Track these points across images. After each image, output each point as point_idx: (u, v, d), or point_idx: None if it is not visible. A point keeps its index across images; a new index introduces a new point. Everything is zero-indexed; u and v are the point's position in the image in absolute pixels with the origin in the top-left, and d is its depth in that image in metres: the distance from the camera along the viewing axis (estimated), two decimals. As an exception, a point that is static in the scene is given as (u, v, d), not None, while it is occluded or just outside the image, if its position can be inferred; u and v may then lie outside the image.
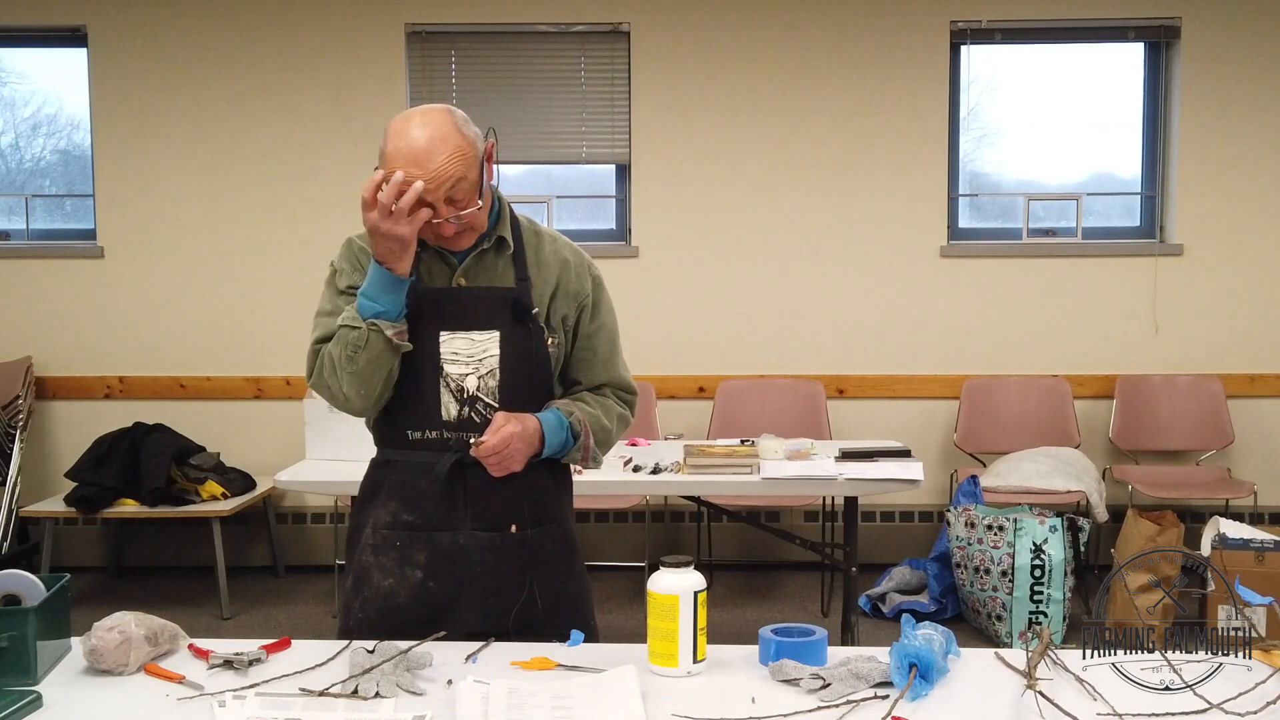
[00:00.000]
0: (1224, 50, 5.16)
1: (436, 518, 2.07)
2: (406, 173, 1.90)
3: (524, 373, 2.07)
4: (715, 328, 5.30)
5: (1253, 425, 5.22)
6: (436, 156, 1.91)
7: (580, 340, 2.16)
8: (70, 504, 4.80)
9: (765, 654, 1.84)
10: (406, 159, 1.91)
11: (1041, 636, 1.85)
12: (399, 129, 1.94)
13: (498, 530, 2.08)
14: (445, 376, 2.05)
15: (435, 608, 2.06)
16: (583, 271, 2.16)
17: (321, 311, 2.10)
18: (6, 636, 1.75)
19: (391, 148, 1.94)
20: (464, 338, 2.05)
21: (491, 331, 2.05)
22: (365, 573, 2.12)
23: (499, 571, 2.08)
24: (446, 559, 2.08)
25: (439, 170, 1.91)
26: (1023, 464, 4.78)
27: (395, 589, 2.09)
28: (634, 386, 2.27)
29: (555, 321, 2.11)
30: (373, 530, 2.11)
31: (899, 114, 5.21)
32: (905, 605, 4.55)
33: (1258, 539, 3.89)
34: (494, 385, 2.05)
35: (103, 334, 5.33)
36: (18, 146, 5.63)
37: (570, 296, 2.13)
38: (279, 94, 5.24)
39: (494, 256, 2.08)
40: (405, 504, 2.08)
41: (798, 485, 3.61)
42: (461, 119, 1.98)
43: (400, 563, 2.09)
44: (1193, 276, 5.23)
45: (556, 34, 5.27)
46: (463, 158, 1.94)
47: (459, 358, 2.05)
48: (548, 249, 2.14)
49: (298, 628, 4.54)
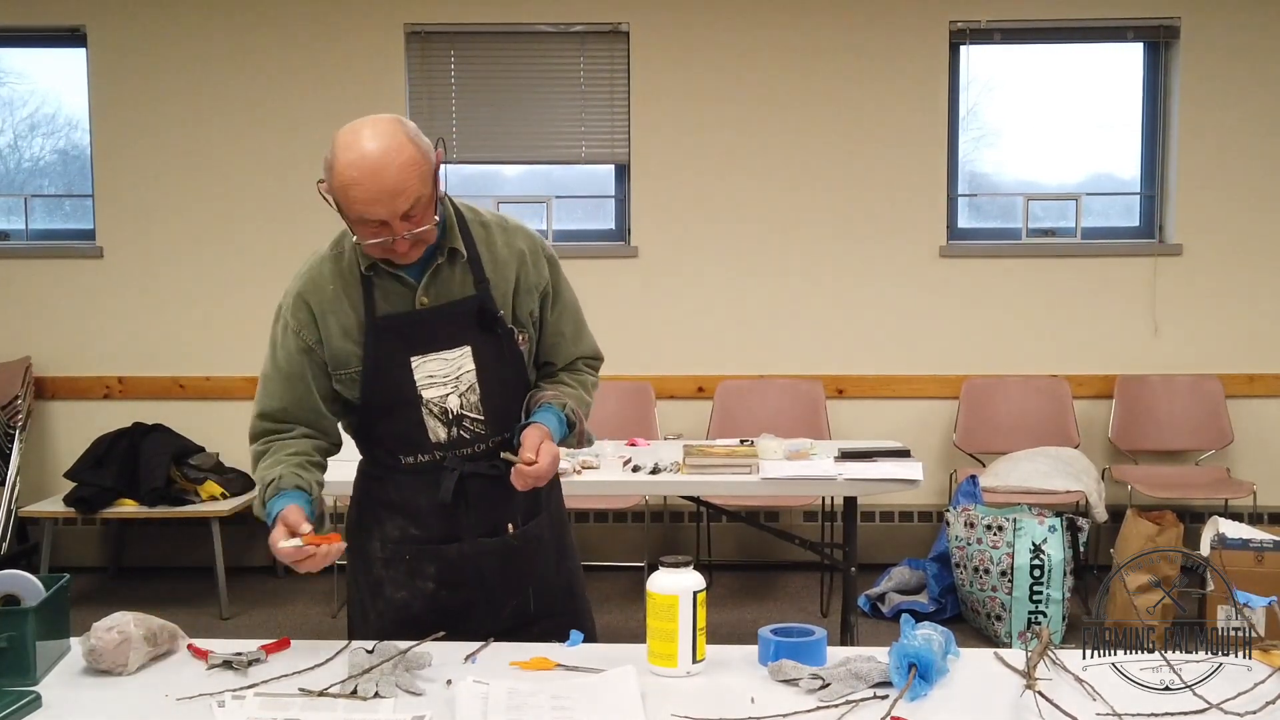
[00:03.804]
0: (1223, 50, 5.16)
1: (441, 531, 2.08)
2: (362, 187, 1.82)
3: (502, 380, 2.05)
4: (715, 328, 5.29)
5: (1252, 425, 5.22)
6: (393, 174, 1.82)
7: (547, 327, 2.13)
8: (69, 504, 4.80)
9: (764, 654, 1.84)
10: (362, 179, 1.82)
11: (1041, 636, 1.85)
12: (348, 142, 1.84)
13: (498, 534, 2.10)
14: (426, 404, 2.02)
15: (451, 615, 2.06)
16: (538, 258, 2.09)
17: (264, 374, 2.05)
18: (6, 637, 1.75)
19: (342, 168, 1.84)
20: (436, 359, 2.01)
21: (462, 347, 2.02)
22: (378, 585, 2.13)
23: (505, 572, 2.10)
24: (455, 569, 2.09)
25: (395, 187, 1.82)
26: (1022, 464, 4.78)
27: (409, 600, 2.10)
28: (600, 351, 2.24)
29: (523, 317, 2.07)
30: (381, 544, 2.12)
31: (898, 114, 5.21)
32: (904, 605, 4.55)
33: (1257, 539, 3.89)
34: (475, 400, 2.04)
35: (102, 334, 5.33)
36: (17, 146, 5.63)
37: (531, 289, 2.08)
38: (278, 94, 5.24)
39: (449, 268, 2.01)
40: (411, 519, 2.09)
41: (797, 485, 3.61)
42: (413, 131, 1.88)
43: (411, 575, 2.10)
44: (1192, 276, 5.23)
45: (556, 34, 5.27)
46: (419, 173, 1.85)
47: (435, 380, 2.02)
48: (499, 242, 2.06)
49: (297, 628, 4.54)
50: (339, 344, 2.01)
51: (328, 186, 1.89)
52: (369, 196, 1.83)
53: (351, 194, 1.84)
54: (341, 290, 2.00)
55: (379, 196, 1.83)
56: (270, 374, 2.04)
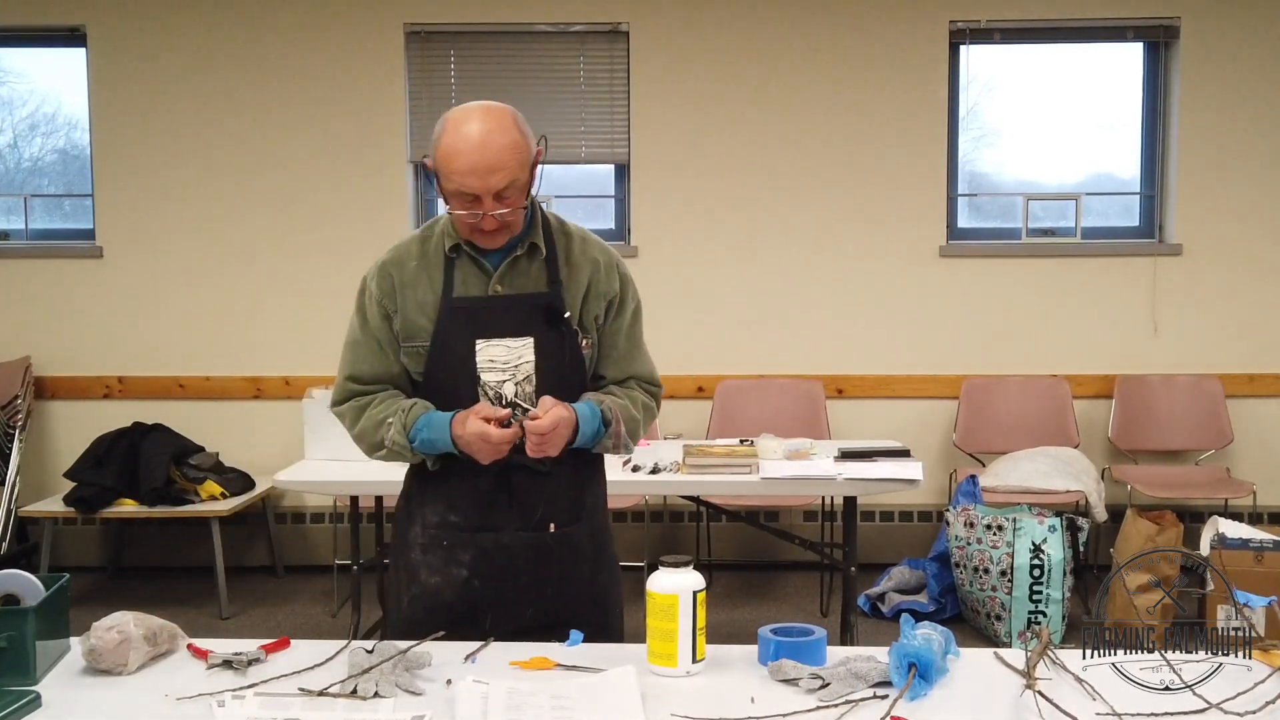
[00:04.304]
0: (1223, 50, 5.16)
1: (481, 519, 2.12)
2: (464, 158, 1.93)
3: (560, 376, 2.10)
4: (715, 327, 5.29)
5: (1252, 425, 5.22)
6: (497, 152, 1.94)
7: (606, 336, 2.19)
8: (69, 504, 4.80)
9: (764, 654, 1.84)
10: (466, 151, 1.94)
11: (1041, 636, 1.85)
12: (459, 120, 1.97)
13: (539, 530, 2.13)
14: (483, 385, 2.08)
15: (480, 605, 2.11)
16: (611, 270, 2.18)
17: (352, 341, 2.16)
18: (5, 636, 1.75)
19: (449, 140, 1.96)
20: (499, 345, 2.08)
21: (526, 338, 2.08)
22: (414, 570, 2.17)
23: (540, 570, 2.13)
24: (490, 558, 2.13)
25: (495, 163, 1.94)
26: (1022, 464, 4.78)
27: (441, 587, 2.14)
28: (658, 379, 2.30)
29: (588, 322, 2.15)
30: (421, 529, 2.16)
31: (898, 114, 5.21)
32: (904, 605, 4.55)
33: (1256, 539, 3.90)
34: (530, 391, 2.08)
35: (102, 334, 5.33)
36: (16, 146, 5.63)
37: (600, 296, 2.16)
38: (278, 94, 5.24)
39: (527, 262, 2.11)
40: (451, 505, 2.13)
41: (797, 485, 3.61)
42: (522, 120, 2.02)
43: (447, 561, 2.14)
44: (1192, 276, 5.23)
45: (555, 34, 5.27)
46: (518, 158, 1.97)
47: (495, 365, 2.08)
48: (578, 250, 2.16)
49: (297, 628, 4.54)
50: (413, 317, 2.10)
51: (432, 159, 2.00)
52: (468, 167, 1.94)
53: (453, 164, 1.95)
54: (423, 268, 2.10)
55: (477, 169, 1.94)
56: (359, 340, 2.14)
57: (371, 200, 5.25)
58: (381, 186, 5.26)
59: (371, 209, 5.25)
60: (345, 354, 2.16)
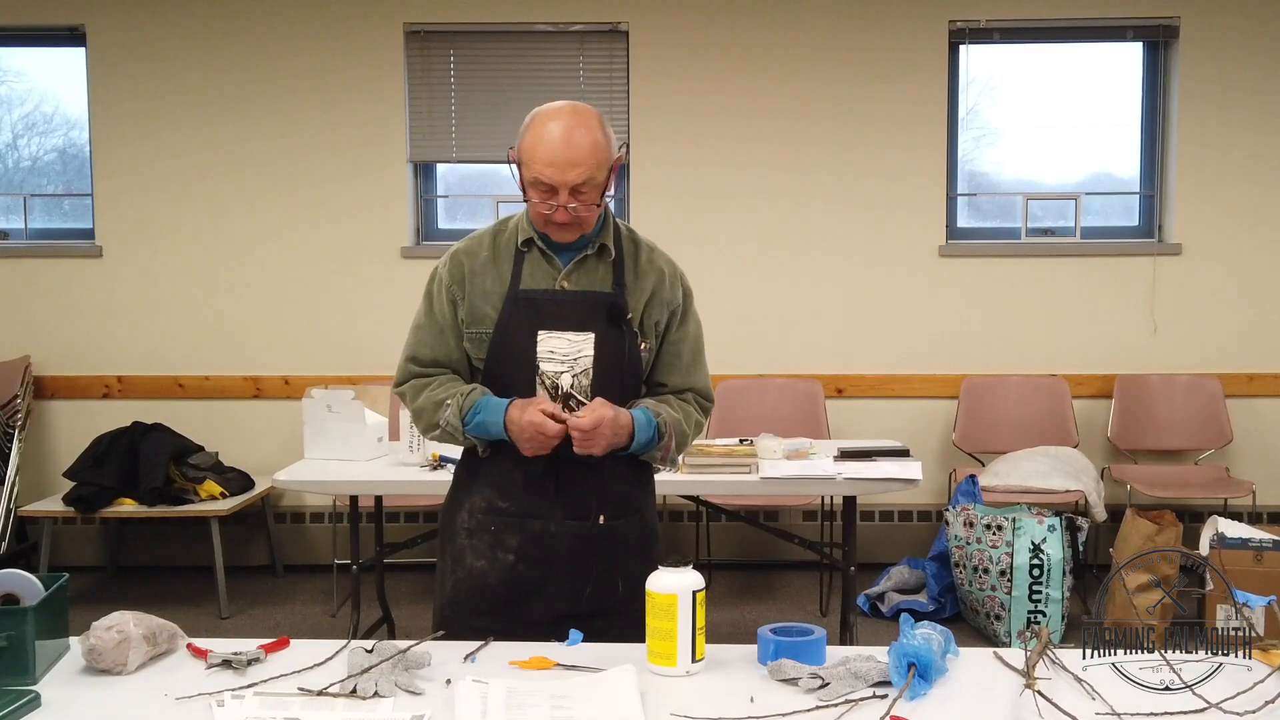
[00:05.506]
0: (1222, 50, 5.16)
1: (529, 506, 2.18)
2: (547, 148, 2.02)
3: (617, 374, 2.16)
4: (714, 327, 5.23)
5: (1251, 425, 5.22)
6: (578, 148, 2.03)
7: (667, 345, 2.25)
8: (69, 503, 4.80)
9: (764, 653, 1.84)
10: (550, 143, 2.03)
11: (1040, 636, 1.85)
12: (547, 115, 2.07)
13: (585, 520, 2.18)
14: (541, 374, 2.14)
15: (523, 590, 2.17)
16: (675, 282, 2.27)
17: (418, 324, 2.24)
18: (5, 636, 1.75)
19: (535, 131, 2.05)
20: (560, 337, 2.14)
21: (587, 333, 2.14)
22: (460, 554, 2.23)
23: (584, 559, 2.18)
24: (536, 545, 2.18)
25: (575, 159, 2.02)
26: (1021, 463, 4.78)
27: (487, 570, 2.20)
28: (713, 395, 2.35)
29: (648, 327, 2.21)
30: (469, 515, 2.22)
31: (897, 113, 5.21)
32: (904, 605, 4.55)
33: (1256, 538, 3.90)
34: (587, 384, 2.14)
35: (101, 333, 5.32)
36: (16, 146, 5.62)
37: (663, 304, 2.22)
38: (277, 93, 5.24)
39: (595, 262, 2.19)
40: (500, 492, 2.20)
41: (796, 485, 3.61)
42: (606, 124, 2.11)
43: (493, 546, 2.20)
44: (1191, 276, 5.24)
45: (555, 34, 5.27)
46: (598, 158, 2.05)
47: (554, 356, 2.14)
48: (645, 258, 2.24)
49: (296, 627, 4.54)
50: (479, 304, 2.17)
51: (516, 150, 2.10)
52: (549, 157, 2.04)
53: (536, 153, 2.05)
54: (494, 259, 2.19)
55: (557, 161, 2.03)
56: (425, 324, 2.22)
57: (371, 200, 5.25)
58: (381, 186, 5.25)
59: (371, 209, 5.25)
60: (409, 337, 2.24)
